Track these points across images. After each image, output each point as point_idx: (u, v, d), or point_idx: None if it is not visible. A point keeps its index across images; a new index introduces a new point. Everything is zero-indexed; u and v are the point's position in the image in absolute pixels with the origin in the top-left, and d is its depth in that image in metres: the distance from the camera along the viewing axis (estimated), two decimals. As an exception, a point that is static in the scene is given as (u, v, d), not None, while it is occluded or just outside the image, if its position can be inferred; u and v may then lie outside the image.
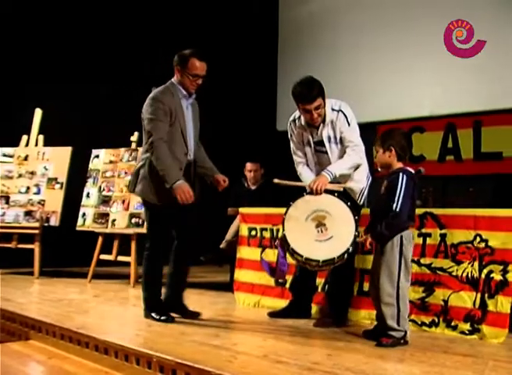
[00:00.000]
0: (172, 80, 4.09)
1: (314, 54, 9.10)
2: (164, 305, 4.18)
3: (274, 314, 4.42)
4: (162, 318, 4.06)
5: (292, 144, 4.33)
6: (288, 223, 3.81)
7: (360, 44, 8.55)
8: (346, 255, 3.68)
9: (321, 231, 3.69)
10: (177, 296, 4.25)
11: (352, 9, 8.83)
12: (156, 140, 3.84)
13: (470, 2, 7.43)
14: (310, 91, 3.93)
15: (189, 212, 4.04)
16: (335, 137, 4.08)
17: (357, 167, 4.12)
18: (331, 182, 3.92)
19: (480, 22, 6.12)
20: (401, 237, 3.55)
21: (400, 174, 3.54)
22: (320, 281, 4.48)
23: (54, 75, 7.62)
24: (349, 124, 4.04)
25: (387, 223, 3.49)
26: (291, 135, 4.31)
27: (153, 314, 4.11)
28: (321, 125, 4.08)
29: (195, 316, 4.20)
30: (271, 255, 4.68)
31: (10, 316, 4.37)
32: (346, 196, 3.97)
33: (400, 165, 3.63)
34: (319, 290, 4.48)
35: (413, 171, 3.63)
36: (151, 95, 3.99)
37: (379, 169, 3.78)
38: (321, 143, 4.12)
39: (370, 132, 8.11)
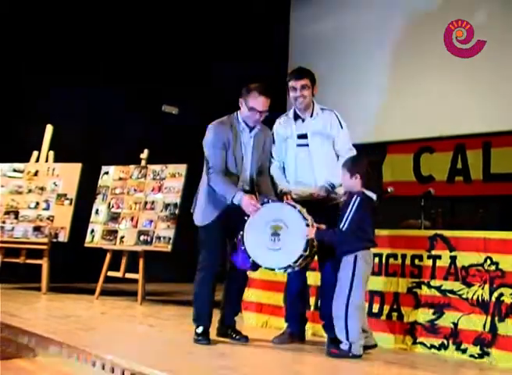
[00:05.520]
0: (239, 111, 4.09)
1: (323, 73, 9.08)
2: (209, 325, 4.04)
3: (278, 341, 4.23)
4: (197, 338, 3.95)
5: (273, 146, 4.28)
6: (248, 225, 3.88)
7: (370, 64, 8.54)
8: (290, 270, 3.83)
9: (274, 240, 3.78)
10: (231, 319, 4.19)
11: (359, 30, 8.83)
12: (212, 167, 3.95)
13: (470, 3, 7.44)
14: (300, 70, 4.21)
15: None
16: (320, 132, 4.14)
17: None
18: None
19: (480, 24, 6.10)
20: (355, 256, 3.66)
21: (354, 197, 3.69)
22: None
23: (65, 91, 7.69)
24: (341, 127, 4.16)
25: (330, 234, 3.71)
26: (274, 134, 4.28)
27: (196, 329, 3.98)
28: (309, 118, 4.17)
29: (244, 340, 4.08)
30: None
31: (17, 331, 4.36)
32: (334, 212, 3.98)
33: (361, 189, 3.74)
34: (311, 309, 4.49)
35: (373, 196, 3.74)
36: (210, 125, 4.06)
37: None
38: (304, 136, 4.17)
39: (380, 152, 8.19)
